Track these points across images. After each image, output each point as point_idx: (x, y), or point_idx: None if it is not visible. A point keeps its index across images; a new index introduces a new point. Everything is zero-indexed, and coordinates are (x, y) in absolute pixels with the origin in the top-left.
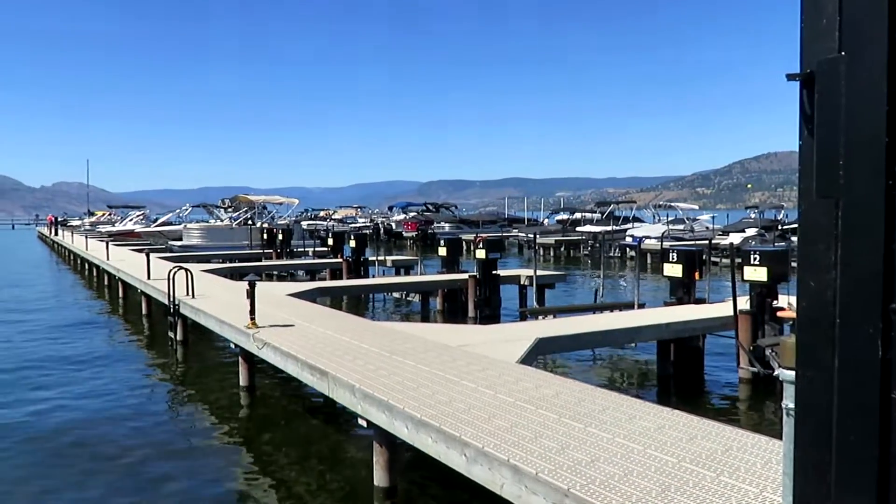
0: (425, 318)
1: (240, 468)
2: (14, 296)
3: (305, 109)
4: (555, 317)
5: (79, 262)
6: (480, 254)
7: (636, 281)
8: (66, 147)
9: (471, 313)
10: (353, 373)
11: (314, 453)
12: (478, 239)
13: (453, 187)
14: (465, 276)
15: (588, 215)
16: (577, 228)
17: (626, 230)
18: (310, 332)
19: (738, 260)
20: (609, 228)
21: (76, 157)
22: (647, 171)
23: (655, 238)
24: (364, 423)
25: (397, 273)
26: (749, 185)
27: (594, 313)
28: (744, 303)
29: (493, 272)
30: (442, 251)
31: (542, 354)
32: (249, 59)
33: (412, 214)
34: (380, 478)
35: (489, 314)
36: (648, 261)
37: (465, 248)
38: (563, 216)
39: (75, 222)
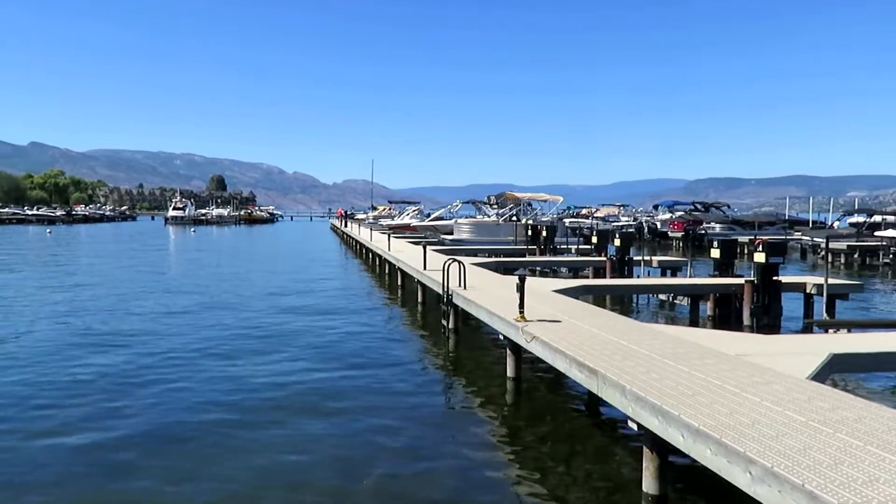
0: (694, 323)
1: (507, 458)
2: (317, 281)
3: (569, 106)
4: (849, 331)
5: (363, 251)
6: (759, 257)
7: None
8: (354, 148)
9: (746, 321)
10: (623, 373)
11: (580, 451)
12: (756, 241)
13: (724, 185)
14: (741, 280)
15: (890, 218)
16: (876, 233)
17: None
18: (577, 328)
19: None
20: None
21: (362, 157)
22: None
23: None
24: (634, 427)
25: (663, 274)
26: None
27: None
28: None
29: (774, 278)
30: (715, 253)
31: (836, 372)
32: (519, 61)
33: (679, 214)
34: (648, 484)
35: (767, 323)
36: None
37: (740, 250)
38: (857, 218)
39: (360, 216)
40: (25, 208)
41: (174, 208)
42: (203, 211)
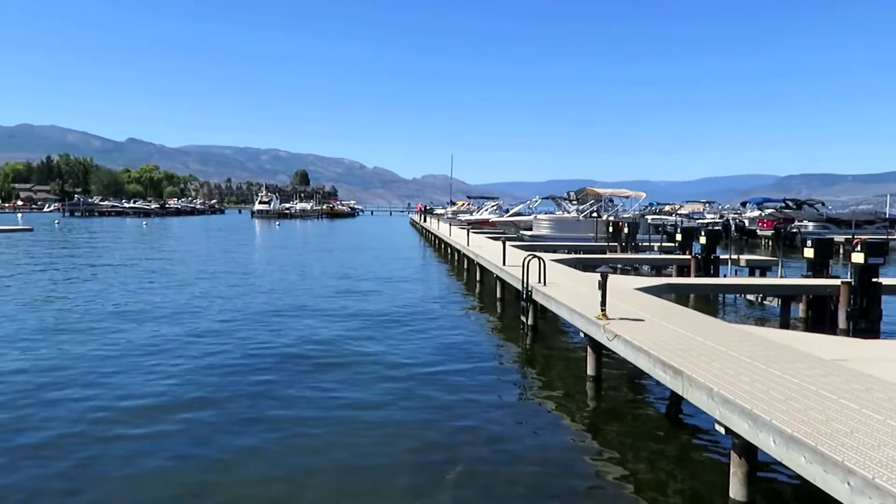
0: (784, 325)
1: (587, 456)
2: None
3: (653, 99)
4: None
5: (442, 246)
6: (858, 258)
7: None
8: (433, 143)
9: (841, 325)
10: (710, 375)
11: (662, 452)
12: (855, 241)
13: (819, 182)
14: (837, 282)
15: None
16: None
17: None
18: (661, 327)
19: None
20: None
21: (442, 152)
22: None
23: None
24: (721, 430)
25: (751, 274)
26: None
27: None
28: None
29: (874, 280)
30: (808, 253)
31: None
32: (602, 53)
33: (769, 211)
34: (736, 490)
35: (866, 328)
36: None
37: (835, 250)
38: None
39: (439, 211)
40: (123, 201)
41: (260, 202)
42: (287, 205)
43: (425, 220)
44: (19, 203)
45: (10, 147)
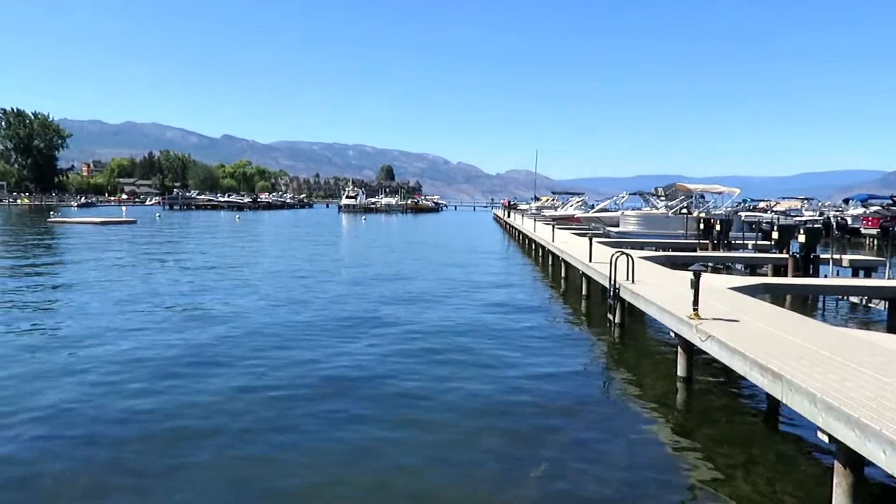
0: (892, 330)
1: (678, 459)
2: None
3: (745, 92)
4: None
5: (526, 241)
6: None
7: None
8: (517, 138)
9: None
10: (811, 380)
11: (759, 458)
12: None
13: None
14: None
15: None
16: None
17: None
18: (757, 329)
19: None
20: None
21: (525, 147)
22: None
23: None
24: (825, 438)
25: (855, 274)
26: None
27: None
28: None
29: None
30: None
31: None
32: (687, 46)
33: (874, 209)
34: (839, 502)
35: None
36: None
37: None
38: None
39: (523, 206)
40: (218, 195)
41: (347, 197)
42: (373, 200)
43: (509, 216)
44: (124, 196)
45: (116, 144)
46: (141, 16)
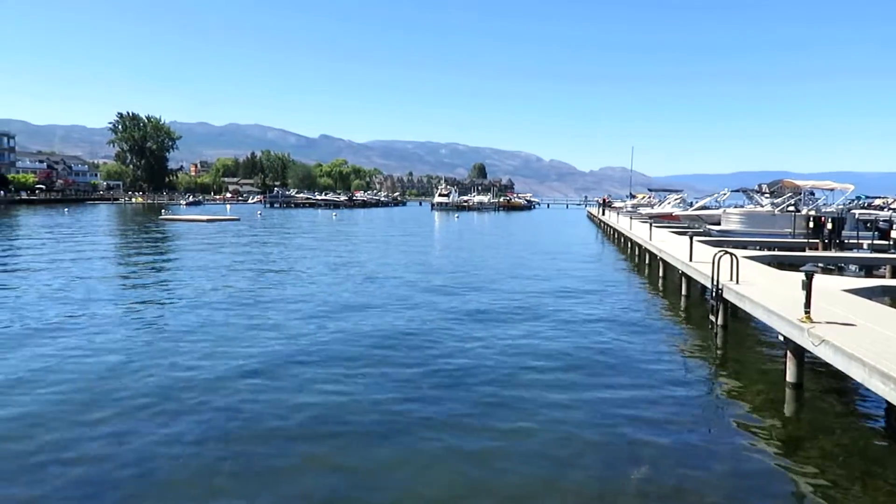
0: None
1: (789, 470)
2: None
3: (854, 84)
4: None
5: (621, 240)
6: None
7: None
8: (611, 135)
9: None
10: None
11: (878, 473)
12: None
13: None
14: None
15: None
16: None
17: None
18: (876, 334)
19: None
20: None
21: (620, 143)
22: None
23: None
24: None
25: None
26: None
27: None
28: None
29: None
30: None
31: None
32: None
33: None
34: None
35: None
36: None
37: None
38: None
39: (618, 204)
40: (315, 193)
41: (440, 195)
42: (465, 198)
43: (603, 213)
44: (228, 195)
45: (220, 144)
46: (245, 25)
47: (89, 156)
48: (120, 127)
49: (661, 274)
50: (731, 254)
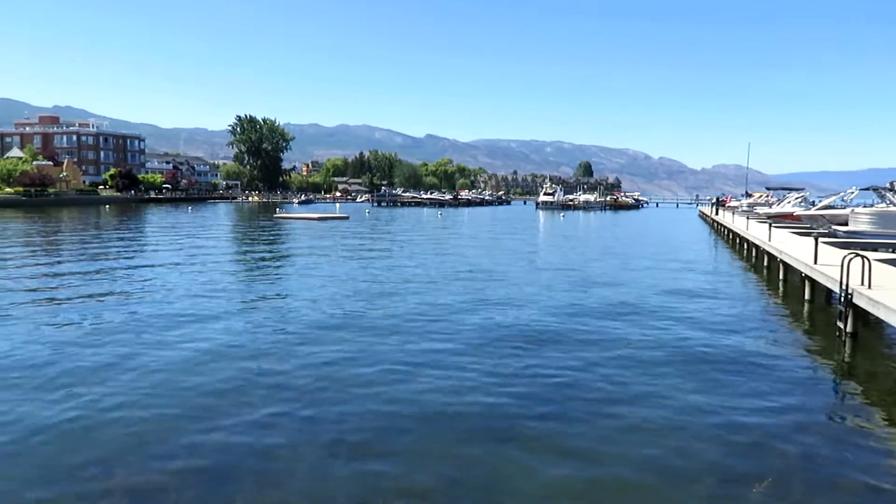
0: None
1: None
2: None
3: None
4: None
5: (736, 240)
6: None
7: None
8: (724, 131)
9: None
10: None
11: None
12: None
13: None
14: None
15: None
16: None
17: None
18: None
19: None
20: None
21: (734, 139)
22: None
23: None
24: None
25: None
26: None
27: None
28: None
29: None
30: None
31: None
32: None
33: None
34: None
35: None
36: None
37: None
38: None
39: (733, 203)
40: (421, 192)
41: (545, 193)
42: (571, 196)
43: (717, 213)
44: (337, 194)
45: (330, 145)
46: (353, 29)
47: (210, 157)
48: (238, 129)
49: (781, 277)
50: (864, 256)
